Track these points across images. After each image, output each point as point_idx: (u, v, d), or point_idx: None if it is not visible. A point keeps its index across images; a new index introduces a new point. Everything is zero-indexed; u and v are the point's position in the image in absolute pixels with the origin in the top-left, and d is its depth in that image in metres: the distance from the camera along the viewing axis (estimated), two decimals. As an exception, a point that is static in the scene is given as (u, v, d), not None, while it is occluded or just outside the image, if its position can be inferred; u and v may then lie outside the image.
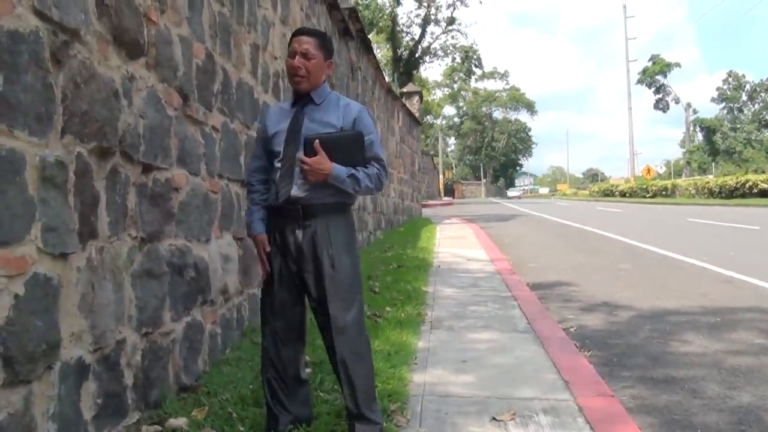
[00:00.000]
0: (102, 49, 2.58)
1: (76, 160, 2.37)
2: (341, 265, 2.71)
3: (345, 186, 2.70)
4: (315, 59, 2.77)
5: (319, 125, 2.74)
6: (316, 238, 2.71)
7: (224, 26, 4.12)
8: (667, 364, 4.23)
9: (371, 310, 5.38)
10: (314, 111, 2.79)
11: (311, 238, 2.71)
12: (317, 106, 2.80)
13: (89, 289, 2.46)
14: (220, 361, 3.89)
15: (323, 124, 2.75)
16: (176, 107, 3.37)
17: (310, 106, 2.80)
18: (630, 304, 6.24)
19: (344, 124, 2.77)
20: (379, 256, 9.72)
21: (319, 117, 2.77)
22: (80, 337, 2.39)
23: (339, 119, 2.77)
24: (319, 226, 2.71)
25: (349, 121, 2.77)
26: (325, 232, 2.71)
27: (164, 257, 3.20)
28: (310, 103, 2.81)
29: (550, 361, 4.07)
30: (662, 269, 8.65)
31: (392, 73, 40.03)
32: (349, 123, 2.77)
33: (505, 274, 8.09)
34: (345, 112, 2.79)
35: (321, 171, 2.64)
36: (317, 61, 2.77)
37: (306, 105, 2.81)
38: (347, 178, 2.69)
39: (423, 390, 3.52)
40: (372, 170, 2.76)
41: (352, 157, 2.72)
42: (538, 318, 5.39)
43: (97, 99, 2.52)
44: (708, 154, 68.37)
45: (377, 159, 2.80)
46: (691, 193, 37.87)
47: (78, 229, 2.38)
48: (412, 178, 21.15)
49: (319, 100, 2.81)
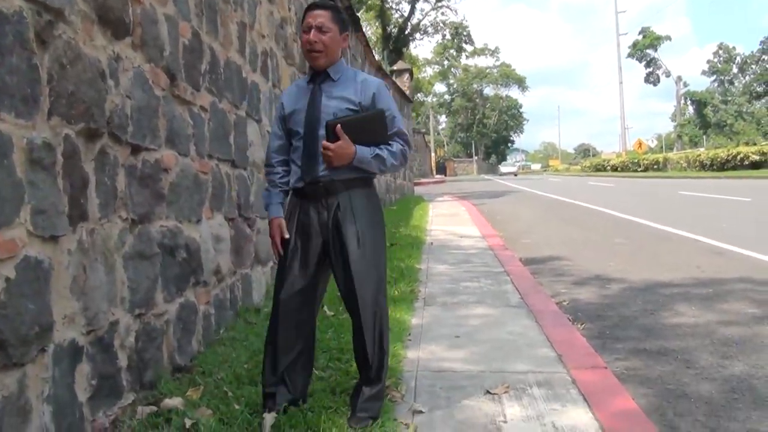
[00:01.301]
0: (87, 29, 2.54)
1: (63, 141, 2.35)
2: (367, 240, 2.69)
3: (371, 167, 2.69)
4: (331, 32, 2.71)
5: (337, 101, 2.70)
6: (340, 215, 2.68)
7: (210, 4, 4.08)
8: (660, 336, 4.27)
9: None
10: (332, 87, 2.74)
11: (335, 215, 2.69)
12: (334, 82, 2.75)
13: (81, 272, 2.46)
14: (215, 342, 3.90)
15: (342, 100, 2.70)
16: (164, 87, 3.34)
17: (327, 83, 2.75)
18: (622, 277, 6.29)
19: (362, 99, 2.72)
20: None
21: (337, 93, 2.72)
22: (73, 320, 2.39)
23: (357, 94, 2.72)
24: (342, 202, 2.69)
25: (368, 96, 2.73)
26: (348, 208, 2.69)
27: (155, 238, 3.20)
28: (328, 80, 2.75)
29: (543, 335, 4.10)
30: (654, 242, 8.70)
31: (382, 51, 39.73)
32: (369, 99, 2.73)
33: (498, 249, 8.12)
34: (363, 87, 2.75)
35: (345, 155, 2.62)
36: (333, 34, 2.72)
37: (323, 81, 2.75)
38: (372, 159, 2.68)
39: (417, 366, 3.55)
40: (396, 146, 2.74)
41: (376, 136, 2.70)
42: (530, 292, 5.43)
43: (84, 80, 2.49)
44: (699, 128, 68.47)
45: (400, 134, 2.77)
46: (682, 167, 38.03)
47: (68, 212, 2.37)
48: (404, 156, 21.11)
49: (336, 76, 2.76)
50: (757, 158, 30.48)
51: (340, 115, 2.68)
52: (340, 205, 2.69)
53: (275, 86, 5.73)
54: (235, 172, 4.55)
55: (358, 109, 2.72)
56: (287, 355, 2.80)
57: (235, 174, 4.55)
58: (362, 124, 2.68)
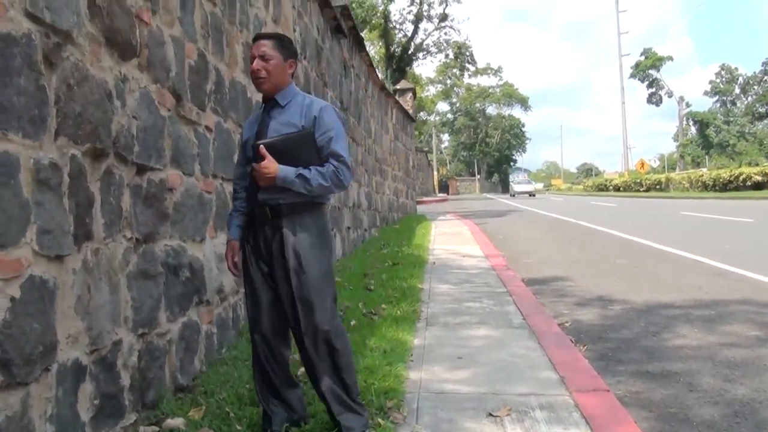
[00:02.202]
0: (94, 51, 2.58)
1: (70, 162, 2.37)
2: (309, 266, 2.71)
3: (295, 187, 2.69)
4: (273, 59, 2.79)
5: (283, 126, 2.77)
6: (284, 239, 2.73)
7: (216, 26, 4.12)
8: (663, 358, 4.26)
9: (367, 308, 5.40)
10: (280, 113, 2.82)
11: (279, 239, 2.74)
12: (282, 108, 2.82)
13: (85, 291, 2.47)
14: (217, 361, 3.90)
15: (286, 125, 2.77)
16: (169, 108, 3.38)
17: (276, 109, 2.83)
18: (625, 298, 6.27)
19: (305, 122, 2.77)
20: (375, 253, 9.74)
21: (283, 118, 2.79)
22: (77, 339, 2.40)
23: (301, 118, 2.78)
24: (287, 227, 2.73)
25: (310, 119, 2.78)
26: (292, 233, 2.73)
27: (159, 258, 3.21)
28: (276, 106, 2.83)
29: (545, 357, 4.09)
30: (656, 263, 8.68)
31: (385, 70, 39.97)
32: (310, 121, 2.77)
33: (500, 269, 8.10)
34: (307, 110, 2.80)
35: (267, 174, 2.66)
36: (276, 61, 2.79)
37: (272, 108, 2.84)
38: (296, 179, 2.68)
39: (419, 387, 3.54)
40: (328, 168, 2.73)
41: (306, 157, 2.72)
42: (533, 313, 5.41)
43: (91, 100, 2.52)
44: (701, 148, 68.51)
45: (335, 155, 2.76)
46: (685, 187, 38.02)
47: (73, 231, 2.38)
48: (406, 175, 21.17)
49: (284, 102, 2.83)
50: (760, 179, 30.46)
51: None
52: (285, 231, 2.73)
53: (279, 106, 5.76)
54: (239, 192, 4.56)
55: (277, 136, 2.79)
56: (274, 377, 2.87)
57: (239, 193, 4.56)
58: (288, 144, 2.71)
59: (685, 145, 69.34)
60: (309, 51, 7.25)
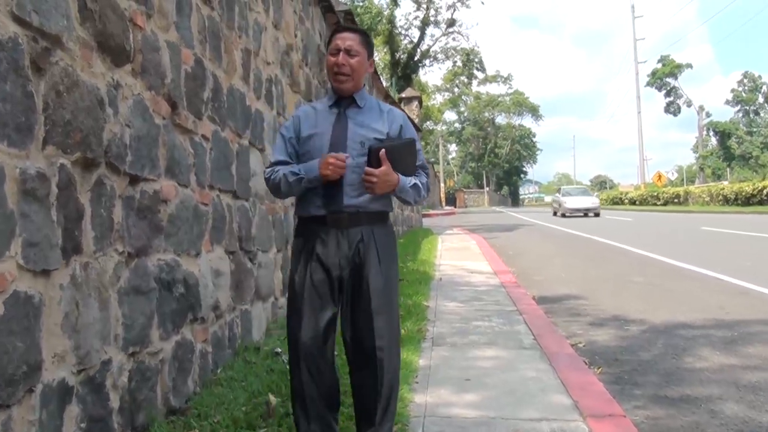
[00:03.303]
0: (85, 56, 2.58)
1: (58, 172, 2.37)
2: (389, 279, 2.68)
3: (407, 196, 2.70)
4: (359, 56, 2.73)
5: (365, 130, 2.71)
6: (362, 248, 2.66)
7: (214, 31, 4.13)
8: (682, 382, 4.21)
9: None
10: (358, 114, 2.75)
11: (357, 248, 2.66)
12: (360, 109, 2.76)
13: (73, 308, 2.45)
14: (211, 382, 3.87)
15: (369, 129, 2.71)
16: (164, 116, 3.38)
17: (353, 109, 2.76)
18: (642, 318, 6.23)
19: (390, 130, 2.74)
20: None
21: (365, 122, 2.73)
22: (63, 358, 2.38)
23: (386, 125, 2.74)
24: (366, 235, 2.67)
25: (395, 128, 2.76)
26: (372, 242, 2.67)
27: (152, 273, 3.20)
28: (353, 105, 2.76)
29: (557, 379, 4.06)
30: (675, 281, 8.64)
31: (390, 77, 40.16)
32: (396, 130, 2.75)
33: (510, 287, 8.08)
34: (390, 118, 2.77)
35: (389, 182, 2.62)
36: (361, 59, 2.74)
37: (348, 107, 2.76)
38: (410, 189, 2.69)
39: (425, 411, 3.51)
40: (423, 178, 2.78)
41: (407, 166, 2.72)
42: (544, 333, 5.38)
43: (81, 108, 2.52)
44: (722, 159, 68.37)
45: (424, 168, 2.81)
46: (705, 201, 37.90)
47: (61, 245, 2.37)
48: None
49: (362, 103, 2.77)
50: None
51: (368, 144, 2.67)
52: (363, 238, 2.66)
53: (280, 114, 5.78)
54: (237, 204, 4.56)
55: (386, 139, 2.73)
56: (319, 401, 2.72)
57: (237, 205, 4.56)
58: (400, 151, 2.69)
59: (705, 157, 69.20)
60: (311, 57, 7.28)
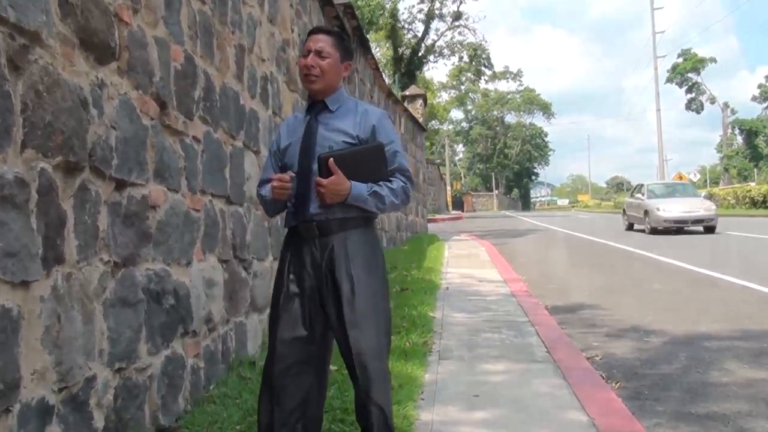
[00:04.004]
0: (67, 54, 2.57)
1: (39, 177, 2.36)
2: (363, 287, 2.67)
3: (368, 205, 2.69)
4: (330, 58, 2.77)
5: (334, 134, 2.74)
6: (334, 257, 2.67)
7: (205, 26, 4.13)
8: (707, 397, 4.19)
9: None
10: (330, 118, 2.79)
11: (329, 257, 2.68)
12: (332, 113, 2.80)
13: (54, 321, 2.44)
14: (203, 399, 3.86)
15: (338, 133, 2.74)
16: (153, 116, 3.37)
17: (324, 114, 2.80)
18: (662, 329, 6.21)
19: (361, 132, 2.75)
20: (381, 277, 9.69)
21: (336, 125, 2.76)
22: (43, 375, 2.37)
23: (356, 127, 2.76)
24: (337, 244, 2.68)
25: (367, 129, 2.76)
26: (343, 250, 2.68)
27: (140, 283, 3.19)
28: (325, 110, 2.81)
29: (572, 395, 4.04)
30: (698, 289, 8.62)
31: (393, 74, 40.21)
32: (368, 132, 2.76)
33: (521, 296, 8.06)
34: (363, 119, 2.78)
35: (339, 192, 2.62)
36: (332, 60, 2.78)
37: (320, 112, 2.80)
38: (369, 197, 2.68)
39: (431, 429, 3.50)
40: (397, 183, 2.75)
41: (374, 172, 2.71)
42: (558, 346, 5.37)
43: (63, 109, 2.51)
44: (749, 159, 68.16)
45: (401, 170, 2.79)
46: (730, 203, 37.82)
47: (42, 254, 2.36)
48: (416, 190, 21.18)
49: (334, 106, 2.81)
50: (816, 195, 30.27)
51: (336, 148, 2.71)
52: (334, 247, 2.69)
53: (276, 114, 5.77)
54: (231, 209, 4.56)
55: (356, 142, 2.75)
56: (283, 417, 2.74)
57: (231, 211, 4.56)
58: (358, 158, 2.69)
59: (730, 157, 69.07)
60: (308, 53, 7.27)
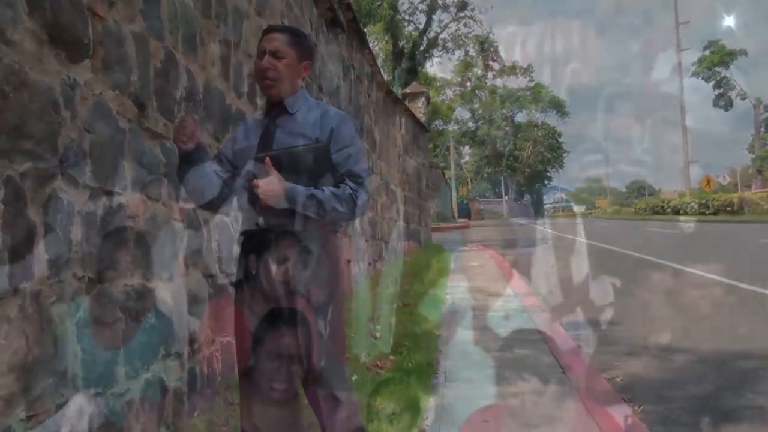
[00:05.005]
0: (35, 51, 2.57)
1: (4, 185, 2.36)
2: (317, 302, 2.70)
3: (307, 210, 2.67)
4: (287, 59, 2.79)
5: (291, 137, 2.77)
6: (290, 271, 2.70)
7: (187, 20, 4.14)
8: (741, 422, 4.17)
9: (371, 360, 5.35)
10: (288, 122, 2.82)
11: (284, 271, 2.70)
12: (291, 116, 2.82)
13: (22, 344, 2.43)
14: (188, 427, 3.85)
15: (296, 136, 2.77)
16: (131, 118, 3.38)
17: (283, 117, 2.83)
18: (690, 347, 6.20)
19: (321, 135, 2.77)
20: (381, 292, 9.69)
21: (295, 128, 2.79)
22: (10, 403, 2.36)
23: (315, 130, 2.78)
24: (293, 256, 2.70)
25: (326, 131, 2.78)
26: (300, 264, 2.70)
27: (118, 301, 3.18)
28: (284, 113, 2.83)
29: (591, 420, 4.03)
30: (729, 302, 8.61)
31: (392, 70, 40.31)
32: (326, 134, 2.78)
33: (534, 311, 8.07)
34: (322, 120, 2.81)
35: (273, 192, 2.63)
36: (289, 61, 2.79)
37: (278, 115, 2.83)
38: (306, 200, 2.66)
39: (437, 459, 3.49)
40: (343, 190, 2.72)
41: (317, 175, 2.71)
42: (574, 365, 5.37)
43: (31, 111, 2.51)
44: (785, 161, 68.11)
45: (353, 176, 2.77)
46: (763, 209, 37.79)
47: (8, 270, 2.36)
48: (419, 196, 21.17)
49: (293, 109, 2.83)
50: None
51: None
52: (291, 262, 2.70)
53: (264, 115, 5.77)
54: (216, 219, 4.55)
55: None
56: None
57: (216, 221, 4.55)
58: (299, 158, 2.70)
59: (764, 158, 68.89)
60: (300, 48, 7.29)
